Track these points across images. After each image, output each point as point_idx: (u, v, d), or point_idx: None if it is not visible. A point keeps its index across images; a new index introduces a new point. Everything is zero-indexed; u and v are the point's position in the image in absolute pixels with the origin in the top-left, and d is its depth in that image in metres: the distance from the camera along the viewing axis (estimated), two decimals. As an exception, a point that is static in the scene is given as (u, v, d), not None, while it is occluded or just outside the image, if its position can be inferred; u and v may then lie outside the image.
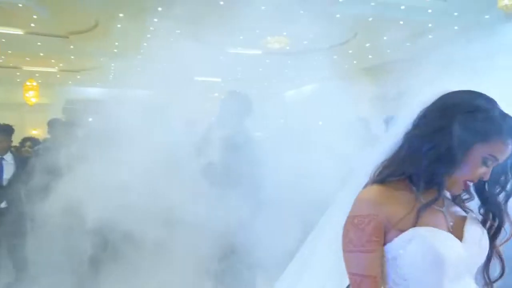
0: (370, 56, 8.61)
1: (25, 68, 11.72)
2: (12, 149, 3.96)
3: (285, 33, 7.86)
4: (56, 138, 3.70)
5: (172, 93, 4.70)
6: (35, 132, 10.73)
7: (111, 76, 14.27)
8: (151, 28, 7.67)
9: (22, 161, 3.81)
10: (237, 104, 2.88)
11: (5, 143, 3.75)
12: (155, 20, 6.76)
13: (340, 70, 10.71)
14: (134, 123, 3.85)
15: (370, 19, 6.45)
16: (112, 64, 11.97)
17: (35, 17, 7.39)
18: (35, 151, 4.43)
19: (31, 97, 11.09)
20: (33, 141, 5.25)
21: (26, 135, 8.84)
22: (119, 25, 7.50)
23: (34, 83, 11.17)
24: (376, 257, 0.90)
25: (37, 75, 11.97)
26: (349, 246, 0.91)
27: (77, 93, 15.87)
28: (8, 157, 3.77)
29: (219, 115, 2.92)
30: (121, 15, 6.83)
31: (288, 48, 8.81)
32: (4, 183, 3.65)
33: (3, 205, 3.46)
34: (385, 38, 8.05)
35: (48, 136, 4.21)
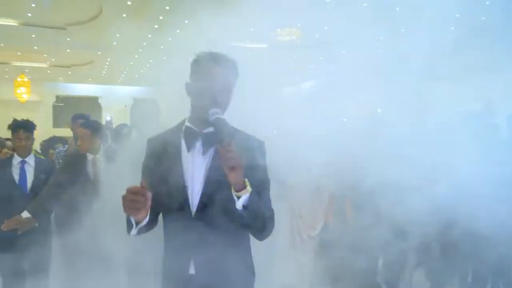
0: (381, 50, 8.37)
1: (15, 63, 11.17)
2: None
3: (299, 24, 7.54)
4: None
5: (165, 91, 4.41)
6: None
7: (103, 72, 13.78)
8: (160, 18, 7.27)
9: (49, 166, 3.37)
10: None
11: (27, 141, 3.26)
12: (167, 8, 6.36)
13: (346, 65, 10.48)
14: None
15: (397, 8, 6.15)
16: (108, 59, 11.50)
17: (33, 5, 6.89)
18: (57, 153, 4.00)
19: (23, 93, 10.54)
20: (63, 141, 4.78)
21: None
22: (124, 14, 7.07)
23: (26, 79, 10.63)
24: None
25: (26, 70, 11.43)
26: None
27: (68, 89, 15.34)
28: (31, 160, 3.31)
29: None
30: (129, 2, 6.40)
31: (298, 41, 8.52)
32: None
33: (25, 214, 3.02)
34: (402, 30, 7.79)
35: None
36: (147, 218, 1.35)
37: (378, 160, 2.72)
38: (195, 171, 1.43)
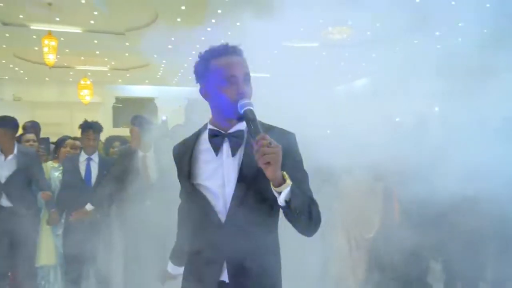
0: (438, 46, 8.08)
1: (78, 67, 11.90)
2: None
3: (350, 23, 7.46)
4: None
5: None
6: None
7: (159, 74, 14.32)
8: (212, 21, 7.49)
9: (111, 162, 3.66)
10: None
11: (94, 141, 3.60)
12: (219, 11, 6.54)
13: (400, 63, 10.20)
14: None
15: (453, 2, 5.94)
16: (164, 61, 11.95)
17: (95, 13, 7.36)
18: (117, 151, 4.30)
19: (86, 95, 11.22)
20: (122, 141, 5.13)
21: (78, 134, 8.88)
22: (179, 19, 7.35)
23: (88, 82, 11.29)
24: None
25: (89, 74, 12.15)
26: None
27: (126, 91, 16.09)
28: (96, 158, 3.62)
29: None
30: (183, 7, 6.67)
31: (349, 39, 8.43)
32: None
33: (89, 206, 3.32)
34: (460, 24, 7.50)
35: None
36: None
37: (431, 160, 2.68)
38: (224, 175, 1.35)
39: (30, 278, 3.51)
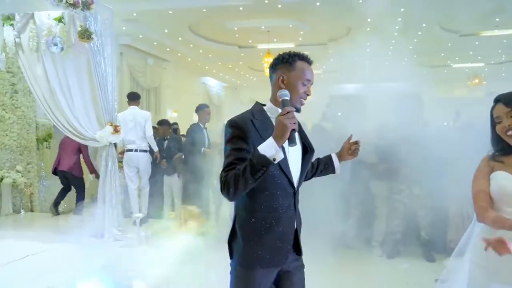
0: None
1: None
2: None
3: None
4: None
5: (424, 82, 5.16)
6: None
7: (366, 72, 15.31)
8: (396, 27, 8.24)
9: None
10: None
11: None
12: (399, 19, 7.32)
13: None
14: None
15: None
16: (366, 62, 12.97)
17: (301, 32, 9.11)
18: None
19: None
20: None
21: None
22: (368, 29, 8.39)
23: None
24: None
25: (306, 77, 14.15)
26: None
27: (338, 90, 17.63)
28: None
29: None
30: (369, 20, 7.70)
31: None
32: None
33: None
34: None
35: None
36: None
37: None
38: (290, 154, 1.58)
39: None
